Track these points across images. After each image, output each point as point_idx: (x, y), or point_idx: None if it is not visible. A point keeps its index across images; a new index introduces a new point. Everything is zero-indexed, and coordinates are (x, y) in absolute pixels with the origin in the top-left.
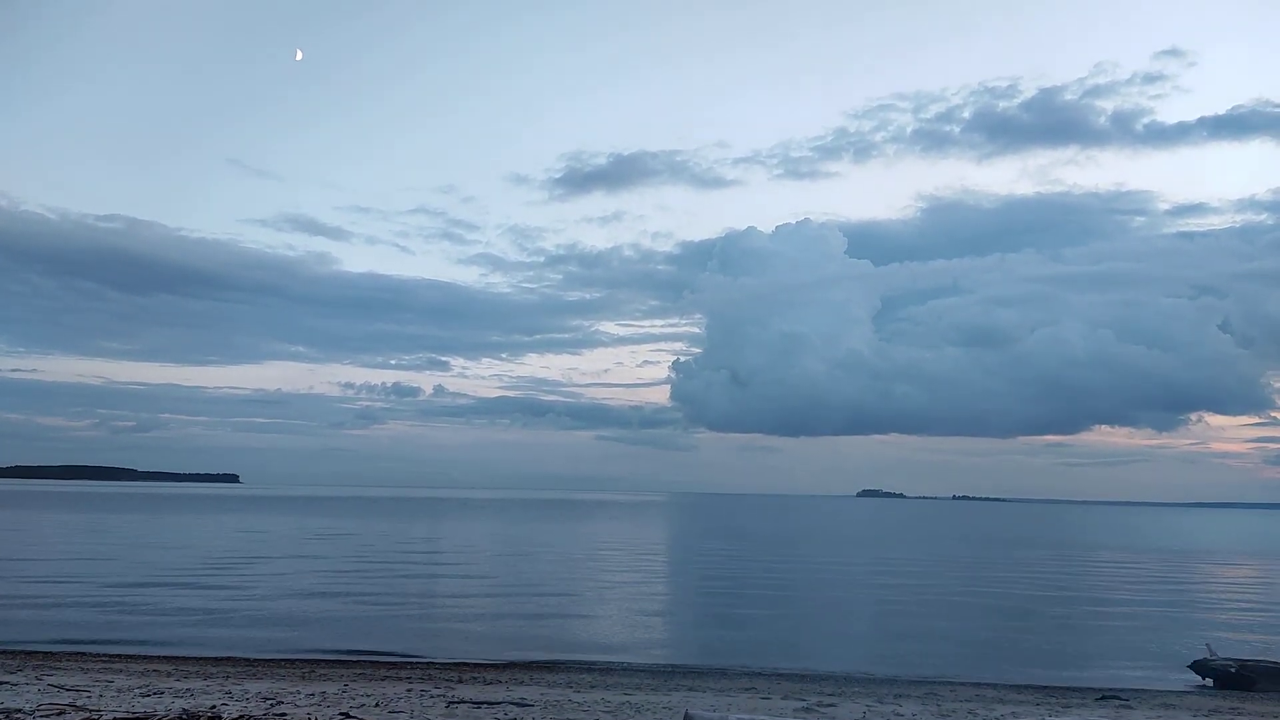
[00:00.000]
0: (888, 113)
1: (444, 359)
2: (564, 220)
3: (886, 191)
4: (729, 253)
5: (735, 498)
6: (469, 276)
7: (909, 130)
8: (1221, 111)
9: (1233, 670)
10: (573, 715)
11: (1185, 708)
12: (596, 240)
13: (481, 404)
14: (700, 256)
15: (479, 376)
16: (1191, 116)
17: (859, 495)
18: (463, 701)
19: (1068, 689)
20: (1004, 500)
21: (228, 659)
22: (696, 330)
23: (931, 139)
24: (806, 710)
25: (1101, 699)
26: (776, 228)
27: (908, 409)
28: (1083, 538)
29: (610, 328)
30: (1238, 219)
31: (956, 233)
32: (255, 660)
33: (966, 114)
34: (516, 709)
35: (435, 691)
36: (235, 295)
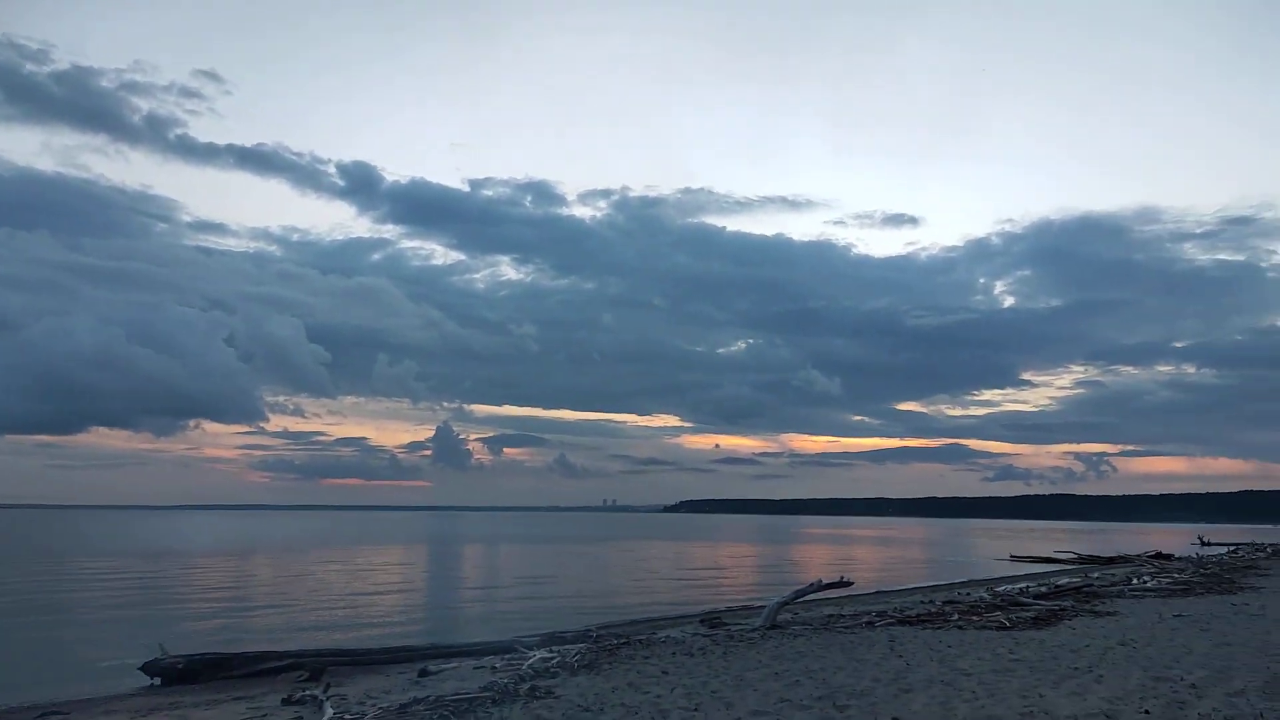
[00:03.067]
0: None
1: None
2: None
3: None
4: None
5: None
6: None
7: None
8: (249, 144)
9: (180, 666)
10: None
11: (125, 710)
12: None
13: None
14: None
15: None
16: (222, 140)
17: None
18: None
19: (4, 712)
20: None
21: None
22: None
23: None
24: None
25: (41, 716)
26: None
27: None
28: (64, 545)
29: None
30: (252, 245)
31: None
32: None
33: None
34: None
35: None
36: None
